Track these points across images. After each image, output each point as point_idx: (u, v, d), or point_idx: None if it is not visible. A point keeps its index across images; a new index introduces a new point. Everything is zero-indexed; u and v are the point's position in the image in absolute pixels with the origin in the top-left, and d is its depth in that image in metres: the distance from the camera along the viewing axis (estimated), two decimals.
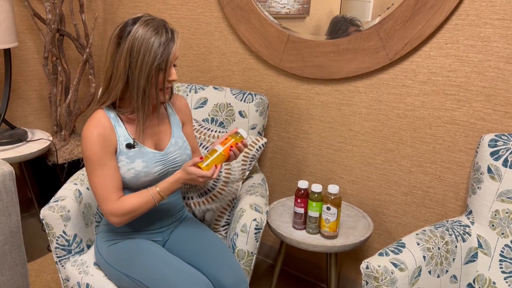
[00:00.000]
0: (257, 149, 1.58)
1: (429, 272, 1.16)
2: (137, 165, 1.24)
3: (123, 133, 1.24)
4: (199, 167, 1.18)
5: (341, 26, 1.59)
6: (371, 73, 1.59)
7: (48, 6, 2.09)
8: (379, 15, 1.51)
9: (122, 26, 1.17)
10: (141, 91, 1.17)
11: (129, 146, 1.24)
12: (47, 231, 1.33)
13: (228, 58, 1.95)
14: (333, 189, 1.41)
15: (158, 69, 1.16)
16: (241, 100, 1.73)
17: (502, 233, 1.25)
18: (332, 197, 1.41)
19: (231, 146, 1.21)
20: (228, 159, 1.22)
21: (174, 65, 1.22)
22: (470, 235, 1.28)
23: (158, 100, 1.21)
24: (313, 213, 1.45)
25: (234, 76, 1.95)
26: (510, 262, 1.23)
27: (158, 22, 1.16)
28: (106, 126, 1.21)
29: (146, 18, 1.17)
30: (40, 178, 2.27)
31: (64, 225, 1.33)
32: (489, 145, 1.27)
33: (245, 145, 1.24)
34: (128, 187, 1.27)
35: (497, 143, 1.26)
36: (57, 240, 1.33)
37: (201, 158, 1.18)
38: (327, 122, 1.74)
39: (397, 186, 1.63)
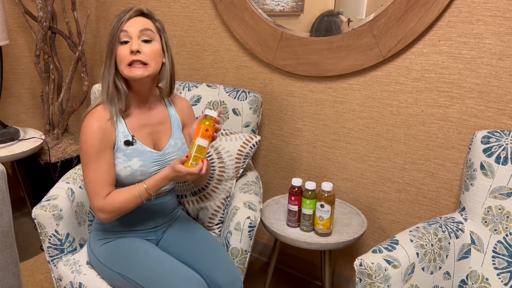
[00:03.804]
0: (250, 147, 1.58)
1: (423, 268, 1.16)
2: (133, 163, 1.23)
3: (122, 129, 1.24)
4: (187, 166, 1.15)
5: (334, 23, 1.59)
6: (365, 70, 1.59)
7: (40, 4, 2.07)
8: (373, 13, 1.50)
9: None
10: (102, 66, 1.22)
11: (128, 143, 1.23)
12: (39, 231, 1.32)
13: (221, 55, 1.94)
14: (326, 186, 1.41)
15: (114, 41, 1.19)
16: (234, 98, 1.72)
17: (495, 230, 1.25)
18: (326, 195, 1.41)
19: (209, 132, 1.16)
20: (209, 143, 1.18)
21: (147, 41, 1.20)
22: (463, 231, 1.29)
23: (124, 74, 1.20)
24: (307, 210, 1.45)
25: (228, 74, 1.95)
26: (502, 258, 1.24)
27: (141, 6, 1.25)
28: (107, 120, 1.22)
29: None
30: (33, 177, 2.26)
31: (56, 224, 1.32)
32: (481, 142, 1.28)
33: (218, 122, 1.18)
34: (122, 185, 1.26)
35: (490, 140, 1.27)
36: (49, 239, 1.32)
37: (187, 156, 1.16)
38: (321, 120, 1.74)
39: (391, 183, 1.63)
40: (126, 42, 1.18)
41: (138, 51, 1.18)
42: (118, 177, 1.24)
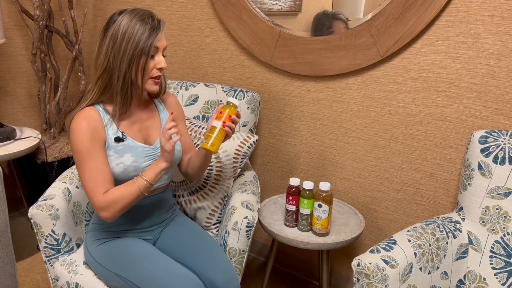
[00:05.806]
0: (248, 147, 1.57)
1: (420, 268, 1.16)
2: (126, 159, 1.23)
3: (112, 127, 1.24)
4: (204, 148, 1.20)
5: (324, 22, 1.59)
6: (363, 70, 1.59)
7: (36, 2, 2.06)
8: (371, 12, 1.50)
9: (108, 18, 1.21)
10: (122, 75, 1.18)
11: (118, 139, 1.23)
12: (35, 231, 1.32)
13: (219, 55, 1.93)
14: (324, 186, 1.41)
15: (141, 53, 1.17)
16: (232, 97, 1.71)
17: (493, 229, 1.25)
18: (324, 194, 1.40)
19: (230, 116, 1.22)
20: (227, 134, 1.24)
21: (164, 56, 1.23)
22: (460, 231, 1.29)
23: (143, 85, 1.22)
24: (304, 210, 1.45)
25: (226, 73, 1.94)
26: (500, 258, 1.24)
27: (144, 12, 1.19)
28: (95, 119, 1.21)
29: (132, 9, 1.20)
30: (29, 177, 2.25)
31: (53, 224, 1.31)
32: (479, 142, 1.28)
33: (238, 116, 1.26)
34: (118, 183, 1.26)
35: (488, 140, 1.27)
36: (45, 239, 1.31)
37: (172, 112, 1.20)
38: (319, 119, 1.74)
39: (389, 183, 1.63)
40: (153, 56, 1.21)
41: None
42: (113, 174, 1.24)
